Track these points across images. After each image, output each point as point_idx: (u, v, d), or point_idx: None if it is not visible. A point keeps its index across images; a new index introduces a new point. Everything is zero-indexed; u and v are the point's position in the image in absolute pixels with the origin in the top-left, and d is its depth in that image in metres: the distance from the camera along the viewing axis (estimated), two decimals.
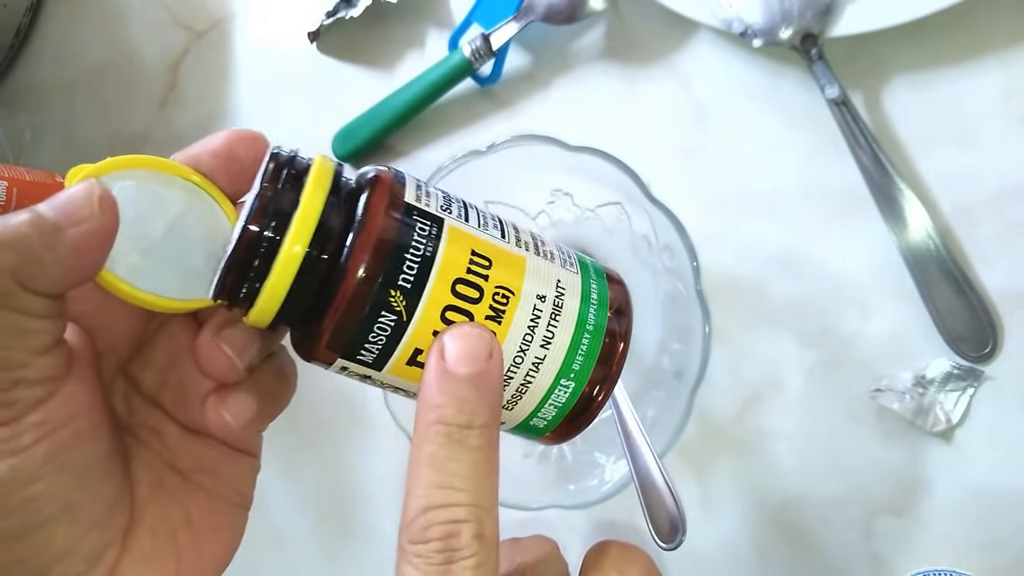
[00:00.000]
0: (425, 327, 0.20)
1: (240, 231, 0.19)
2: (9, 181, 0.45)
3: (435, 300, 0.20)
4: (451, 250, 0.20)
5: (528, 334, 0.21)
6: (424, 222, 0.20)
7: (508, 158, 0.36)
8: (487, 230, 0.21)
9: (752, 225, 0.40)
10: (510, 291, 0.21)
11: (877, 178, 0.37)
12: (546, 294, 0.21)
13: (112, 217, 0.19)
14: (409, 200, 0.20)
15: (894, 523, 0.38)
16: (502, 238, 0.21)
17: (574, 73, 0.44)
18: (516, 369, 0.21)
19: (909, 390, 0.37)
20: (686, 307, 0.36)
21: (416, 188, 0.21)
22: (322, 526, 0.48)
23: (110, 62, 0.56)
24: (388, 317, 0.20)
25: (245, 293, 0.19)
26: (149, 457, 0.23)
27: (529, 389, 0.21)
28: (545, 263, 0.22)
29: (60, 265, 0.18)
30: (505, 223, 0.22)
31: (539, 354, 0.21)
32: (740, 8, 0.38)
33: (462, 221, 0.21)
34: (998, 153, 0.37)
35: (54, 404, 0.19)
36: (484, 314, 0.20)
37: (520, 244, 0.22)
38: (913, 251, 0.36)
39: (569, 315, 0.21)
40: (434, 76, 0.44)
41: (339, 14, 0.48)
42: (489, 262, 0.20)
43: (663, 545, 0.32)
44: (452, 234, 0.20)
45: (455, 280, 0.20)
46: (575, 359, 0.21)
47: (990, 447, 0.36)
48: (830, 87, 0.37)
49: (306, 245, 0.19)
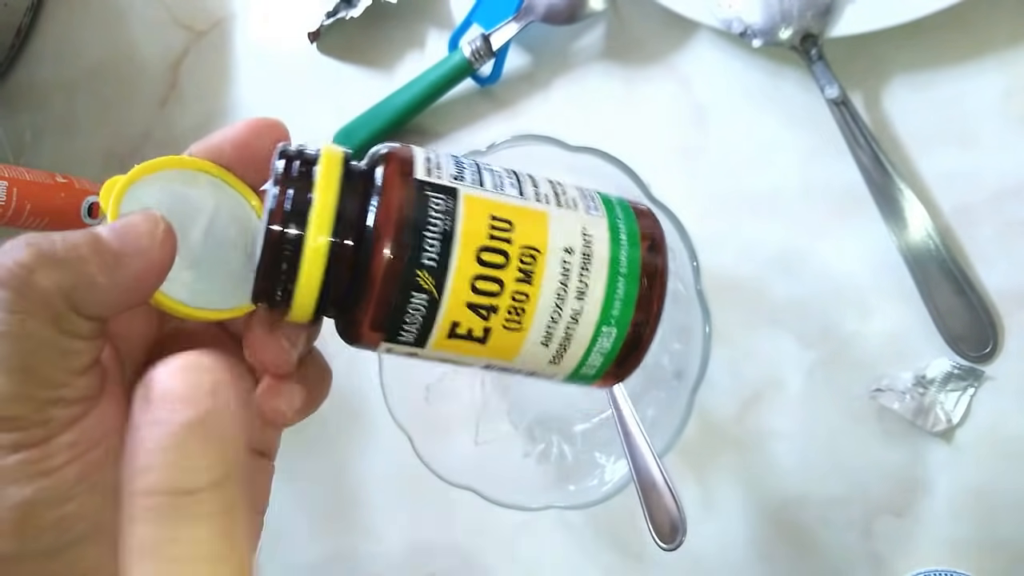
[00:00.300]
0: (458, 301, 0.20)
1: (263, 235, 0.19)
2: (9, 181, 0.45)
3: (463, 272, 0.20)
4: (470, 220, 0.20)
5: (561, 289, 0.21)
6: (438, 196, 0.20)
7: (508, 158, 0.36)
8: (503, 190, 0.21)
9: (752, 225, 0.40)
10: (536, 249, 0.20)
11: (877, 178, 0.37)
12: (573, 246, 0.21)
13: (171, 251, 0.19)
14: (420, 176, 0.20)
15: (894, 523, 0.38)
16: (520, 196, 0.21)
17: (574, 73, 0.44)
18: (555, 325, 0.21)
19: (909, 390, 0.37)
20: (686, 307, 0.35)
21: (426, 161, 0.21)
22: (322, 526, 0.48)
23: (110, 62, 0.56)
24: (419, 297, 0.20)
25: (281, 294, 0.20)
26: None
27: (572, 342, 0.22)
28: (568, 213, 0.21)
29: (114, 292, 0.18)
30: (522, 177, 0.22)
31: (575, 306, 0.21)
32: (740, 8, 0.38)
33: (477, 187, 0.21)
34: (998, 153, 0.37)
35: (87, 423, 0.19)
36: (514, 277, 0.20)
37: (540, 198, 0.21)
38: (913, 251, 0.36)
39: (600, 263, 0.21)
40: (434, 76, 0.44)
41: (339, 14, 0.48)
42: (510, 224, 0.20)
43: (663, 545, 0.32)
44: (468, 203, 0.20)
45: (479, 248, 0.20)
46: (613, 305, 0.21)
47: (990, 447, 0.36)
48: (830, 87, 0.37)
49: (329, 235, 0.19)
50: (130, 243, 0.19)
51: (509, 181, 0.22)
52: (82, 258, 0.18)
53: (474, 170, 0.21)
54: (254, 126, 0.22)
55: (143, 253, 0.19)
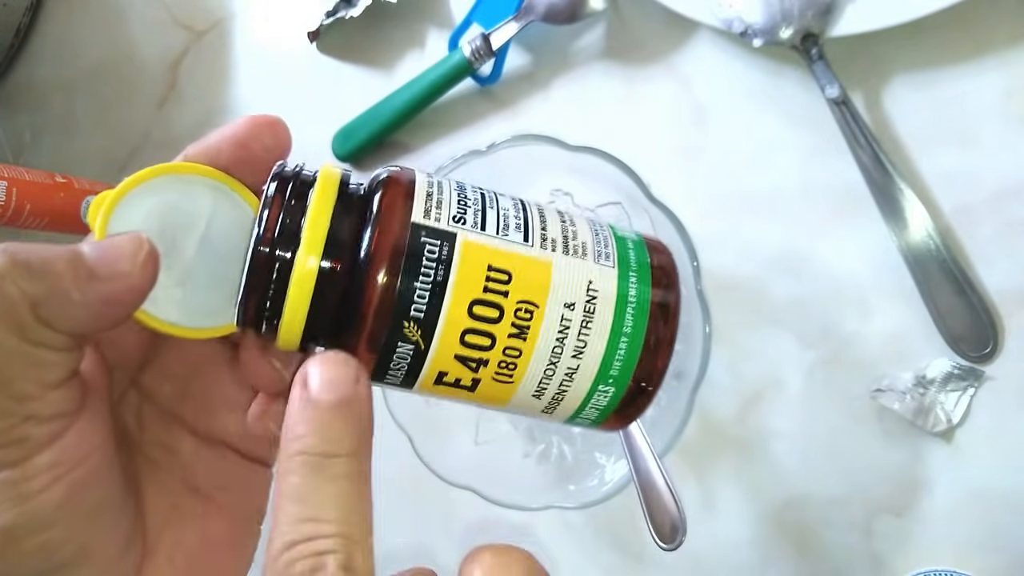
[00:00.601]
0: (446, 352, 0.19)
1: (250, 257, 0.18)
2: (9, 181, 0.45)
3: (452, 325, 0.19)
4: (465, 270, 0.19)
5: (557, 346, 0.19)
6: (434, 242, 0.19)
7: (508, 158, 0.36)
8: (507, 234, 0.20)
9: (752, 225, 0.40)
10: (534, 304, 0.19)
11: (877, 178, 0.37)
12: (575, 302, 0.19)
13: (151, 275, 0.19)
14: (417, 219, 0.19)
15: (894, 523, 0.38)
16: (524, 241, 0.20)
17: (574, 73, 0.44)
18: (548, 381, 0.20)
19: (909, 390, 0.37)
20: (686, 307, 0.35)
21: (426, 198, 0.19)
22: None
23: (110, 62, 0.56)
24: (405, 347, 0.19)
25: (268, 320, 0.19)
26: (162, 478, 0.22)
27: (566, 397, 0.20)
28: (575, 262, 0.20)
29: (86, 311, 0.18)
30: (530, 214, 0.20)
31: (571, 364, 0.20)
32: (740, 8, 0.38)
33: (478, 230, 0.19)
34: (998, 153, 0.37)
35: (67, 442, 0.18)
36: (507, 332, 0.19)
37: (546, 244, 0.20)
38: (913, 251, 0.36)
39: (603, 321, 0.20)
40: (434, 76, 0.44)
41: (339, 14, 0.48)
42: (509, 276, 0.19)
43: (663, 545, 0.32)
44: (466, 251, 0.19)
45: (472, 301, 0.19)
46: (612, 365, 0.20)
47: (990, 447, 0.36)
48: (830, 87, 0.37)
49: (318, 261, 0.18)
50: (109, 263, 0.18)
51: (515, 221, 0.20)
52: (56, 272, 0.17)
53: (478, 207, 0.20)
54: (252, 124, 0.22)
55: (122, 276, 0.18)
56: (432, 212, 0.19)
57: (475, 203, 0.20)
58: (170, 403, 0.23)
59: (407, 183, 0.20)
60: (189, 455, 0.23)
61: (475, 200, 0.20)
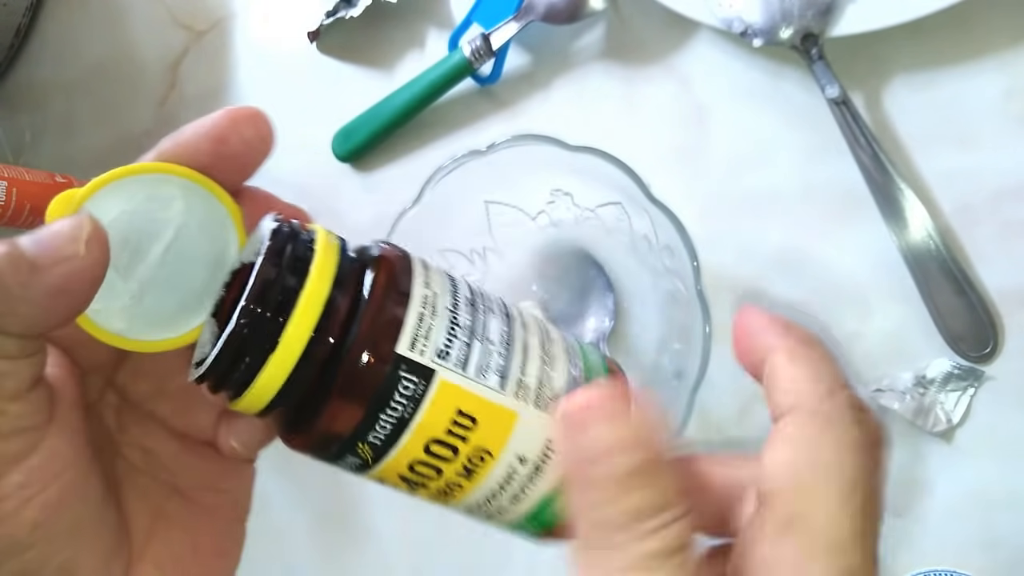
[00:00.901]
0: (390, 471, 0.19)
1: (238, 313, 0.17)
2: (9, 181, 0.45)
3: (404, 456, 0.18)
4: (433, 412, 0.18)
5: (498, 491, 0.19)
6: (411, 379, 0.18)
7: (508, 158, 0.36)
8: (486, 378, 0.19)
9: (752, 225, 0.40)
10: (488, 453, 0.19)
11: (877, 178, 0.37)
12: (528, 456, 0.19)
13: (100, 256, 0.17)
14: (402, 350, 0.18)
15: (894, 523, 0.38)
16: (500, 387, 0.19)
17: (574, 73, 0.44)
18: (478, 510, 0.20)
19: (909, 390, 0.37)
20: (686, 307, 0.35)
21: (418, 322, 0.18)
22: (322, 526, 0.48)
23: (110, 62, 0.56)
24: (351, 460, 0.19)
25: (236, 381, 0.18)
26: (145, 484, 0.22)
27: (495, 522, 0.21)
28: (540, 418, 0.19)
29: (34, 307, 0.16)
30: (513, 354, 0.19)
31: (504, 505, 0.20)
32: (740, 8, 0.38)
33: (459, 370, 0.18)
34: (998, 153, 0.37)
35: (36, 460, 0.17)
36: (456, 470, 0.19)
37: (520, 391, 0.19)
38: (913, 251, 0.36)
39: (548, 478, 0.19)
40: (434, 76, 0.44)
41: (339, 14, 0.48)
42: (473, 422, 0.18)
43: None
44: (441, 391, 0.18)
45: (431, 440, 0.18)
46: (543, 513, 0.20)
47: (990, 447, 0.36)
48: (830, 87, 0.37)
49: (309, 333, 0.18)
50: (50, 250, 0.16)
51: (498, 360, 0.19)
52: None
53: (466, 338, 0.19)
54: (231, 118, 0.20)
55: (66, 260, 0.17)
56: (419, 342, 0.18)
57: (465, 331, 0.19)
58: (147, 402, 0.22)
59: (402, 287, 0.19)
60: (170, 456, 0.22)
61: (466, 326, 0.19)
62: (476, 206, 0.39)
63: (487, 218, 0.39)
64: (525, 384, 0.19)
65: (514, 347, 0.20)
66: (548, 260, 0.41)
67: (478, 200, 0.39)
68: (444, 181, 0.36)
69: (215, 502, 0.23)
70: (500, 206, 0.40)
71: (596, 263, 0.41)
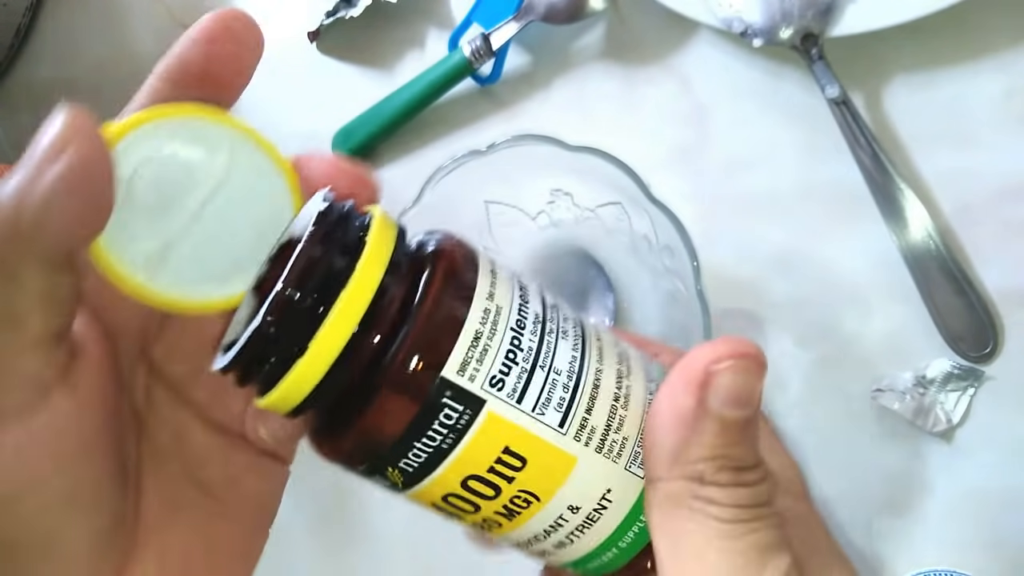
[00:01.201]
0: (421, 498, 0.17)
1: (272, 296, 0.15)
2: None
3: (437, 486, 0.17)
4: (476, 446, 0.16)
5: (542, 536, 0.17)
6: (456, 407, 0.16)
7: (508, 158, 0.36)
8: (544, 413, 0.16)
9: (752, 225, 0.40)
10: (536, 497, 0.16)
11: (877, 178, 0.37)
12: (582, 506, 0.17)
13: (97, 144, 0.15)
14: (449, 374, 0.15)
15: (894, 523, 0.38)
16: (560, 425, 0.16)
17: (574, 73, 0.44)
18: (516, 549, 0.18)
19: (909, 390, 0.37)
20: (686, 307, 0.35)
21: (472, 341, 0.16)
22: (322, 526, 0.48)
23: (110, 61, 0.56)
24: (381, 481, 0.17)
25: (260, 376, 0.16)
26: (167, 469, 0.20)
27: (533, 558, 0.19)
28: (603, 464, 0.17)
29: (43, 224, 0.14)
30: (582, 387, 0.16)
31: (545, 548, 0.18)
32: (740, 8, 0.38)
33: (512, 402, 0.16)
34: (998, 153, 0.37)
35: (42, 418, 0.16)
36: (495, 509, 0.17)
37: (582, 433, 0.16)
38: (913, 251, 0.36)
39: (599, 530, 0.17)
40: (434, 76, 0.44)
41: (339, 14, 0.48)
42: (523, 463, 0.16)
43: None
44: (487, 424, 0.16)
45: (469, 475, 0.16)
46: (592, 562, 0.18)
47: (990, 447, 0.36)
48: (830, 87, 0.37)
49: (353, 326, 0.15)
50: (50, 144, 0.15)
51: (561, 394, 0.16)
52: None
53: (527, 365, 0.16)
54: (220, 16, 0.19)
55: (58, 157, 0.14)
56: (470, 366, 0.16)
57: (527, 356, 0.16)
58: (182, 384, 0.20)
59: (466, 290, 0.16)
60: (198, 445, 0.20)
61: (529, 350, 0.16)
62: (476, 206, 0.39)
63: (487, 218, 0.39)
64: (590, 424, 0.17)
65: (584, 380, 0.17)
66: (548, 260, 0.41)
67: (478, 200, 0.39)
68: (444, 181, 0.36)
69: (238, 502, 0.21)
70: (500, 206, 0.40)
71: (596, 263, 0.41)
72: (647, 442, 0.17)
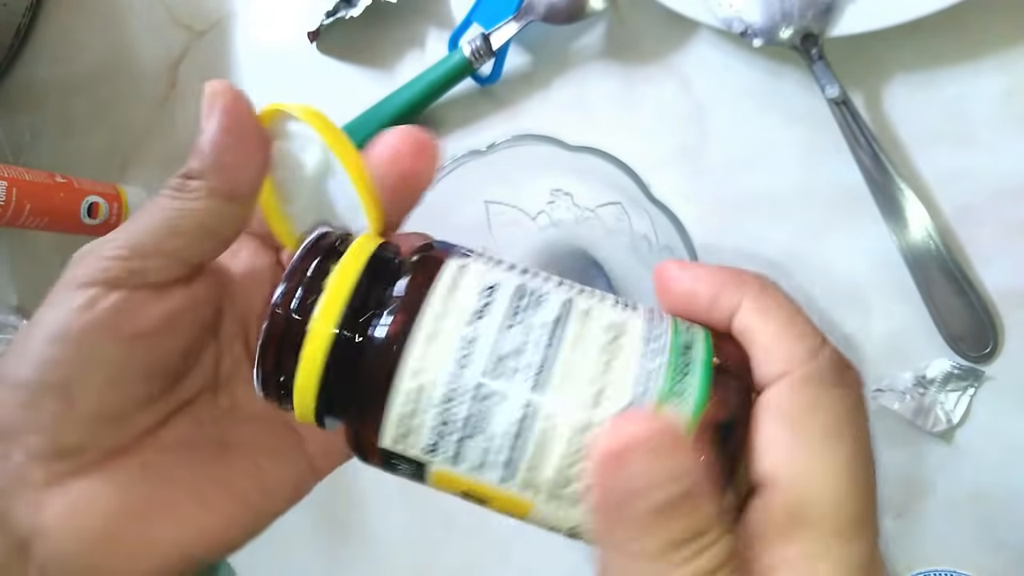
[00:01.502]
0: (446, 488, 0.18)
1: (267, 320, 0.18)
2: (9, 181, 0.45)
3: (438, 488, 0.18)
4: (438, 486, 0.18)
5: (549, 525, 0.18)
6: (405, 465, 0.18)
7: (508, 158, 0.36)
8: (482, 473, 0.17)
9: (752, 225, 0.40)
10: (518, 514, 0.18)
11: (877, 178, 0.37)
12: (560, 528, 0.18)
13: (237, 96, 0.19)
14: (385, 444, 0.17)
15: (894, 523, 0.38)
16: (501, 483, 0.17)
17: (574, 73, 0.44)
18: None
19: (909, 390, 0.37)
20: None
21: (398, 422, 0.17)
22: (322, 526, 0.48)
23: (110, 62, 0.56)
24: (403, 465, 0.18)
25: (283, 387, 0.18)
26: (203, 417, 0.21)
27: None
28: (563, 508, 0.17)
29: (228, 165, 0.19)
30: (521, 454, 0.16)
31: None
32: (740, 8, 0.38)
33: (449, 465, 0.17)
34: (998, 153, 0.37)
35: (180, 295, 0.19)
36: (495, 509, 0.18)
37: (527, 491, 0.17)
38: (913, 251, 0.36)
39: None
40: (434, 76, 0.44)
41: (339, 14, 0.48)
42: (485, 501, 0.18)
43: None
44: (438, 476, 0.18)
45: (452, 493, 0.18)
46: None
47: (990, 447, 0.36)
48: (830, 87, 0.37)
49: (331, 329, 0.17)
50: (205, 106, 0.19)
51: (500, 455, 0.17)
52: None
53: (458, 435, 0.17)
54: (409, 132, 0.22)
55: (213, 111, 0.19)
56: (405, 440, 0.17)
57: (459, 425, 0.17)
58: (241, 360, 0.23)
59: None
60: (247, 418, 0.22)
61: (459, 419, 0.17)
62: (476, 206, 0.39)
63: (487, 218, 0.39)
64: (534, 482, 0.17)
65: (529, 436, 0.16)
66: (548, 260, 0.41)
67: (478, 200, 0.39)
68: (444, 181, 0.36)
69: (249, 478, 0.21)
70: (500, 206, 0.40)
71: (596, 263, 0.41)
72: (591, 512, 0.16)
